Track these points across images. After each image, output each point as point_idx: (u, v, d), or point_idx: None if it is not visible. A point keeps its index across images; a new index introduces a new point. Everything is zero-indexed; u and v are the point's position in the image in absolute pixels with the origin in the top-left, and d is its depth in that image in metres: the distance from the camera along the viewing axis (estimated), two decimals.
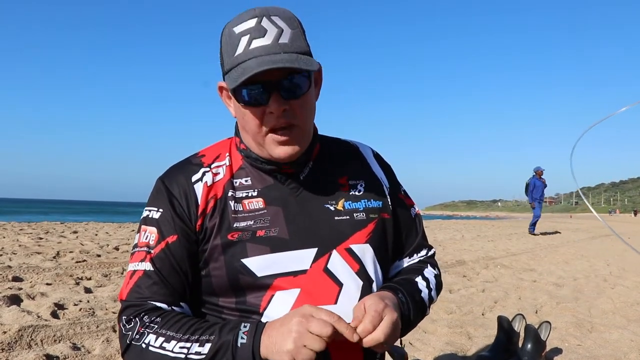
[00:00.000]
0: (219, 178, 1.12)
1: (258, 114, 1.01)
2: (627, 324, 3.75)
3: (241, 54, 0.98)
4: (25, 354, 2.54)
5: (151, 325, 0.98)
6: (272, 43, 0.97)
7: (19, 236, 9.28)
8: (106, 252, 7.14)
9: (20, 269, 5.15)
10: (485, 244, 10.76)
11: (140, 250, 1.07)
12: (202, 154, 1.18)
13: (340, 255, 1.08)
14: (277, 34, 0.98)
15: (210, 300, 1.09)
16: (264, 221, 1.07)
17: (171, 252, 1.05)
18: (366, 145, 1.30)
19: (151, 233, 1.08)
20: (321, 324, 0.88)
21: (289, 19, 1.02)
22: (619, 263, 7.91)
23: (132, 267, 1.07)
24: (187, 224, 1.07)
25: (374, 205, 1.17)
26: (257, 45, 0.97)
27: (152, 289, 1.03)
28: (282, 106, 1.00)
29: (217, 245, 1.05)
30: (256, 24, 0.98)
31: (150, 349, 0.95)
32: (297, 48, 0.99)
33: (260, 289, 1.03)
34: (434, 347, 3.01)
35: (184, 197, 1.08)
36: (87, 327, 3.07)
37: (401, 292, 1.10)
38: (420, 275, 1.20)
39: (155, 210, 1.09)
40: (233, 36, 1.00)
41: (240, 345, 0.92)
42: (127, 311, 1.02)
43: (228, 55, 1.01)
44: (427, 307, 1.18)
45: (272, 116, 1.01)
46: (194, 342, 0.94)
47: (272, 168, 1.10)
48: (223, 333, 0.94)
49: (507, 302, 4.48)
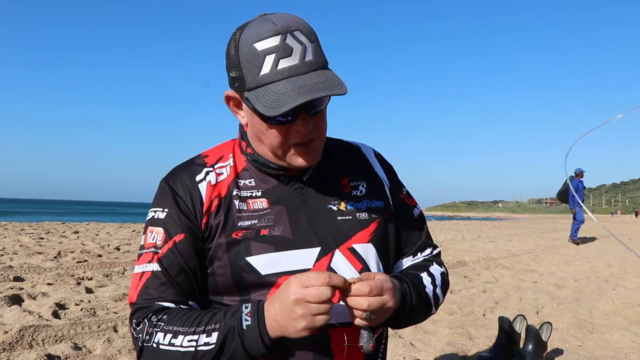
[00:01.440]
0: (222, 178, 1.12)
1: (284, 131, 1.02)
2: (628, 325, 3.74)
3: (268, 74, 0.97)
4: (27, 354, 2.55)
5: (158, 323, 0.99)
6: (300, 62, 0.97)
7: (20, 236, 9.29)
8: (107, 252, 7.15)
9: (22, 269, 5.16)
10: (486, 245, 10.76)
11: (147, 252, 1.07)
12: (205, 154, 1.18)
13: (343, 254, 1.08)
14: (302, 52, 0.98)
15: (215, 299, 1.09)
16: (268, 220, 1.08)
17: (179, 251, 1.06)
18: (368, 145, 1.31)
19: (158, 233, 1.08)
20: (317, 291, 0.89)
21: (309, 32, 1.01)
22: (620, 264, 7.91)
23: (139, 269, 1.07)
24: (193, 222, 1.07)
25: (376, 206, 1.17)
26: (285, 65, 0.96)
27: (160, 289, 1.04)
28: (309, 124, 1.01)
29: (222, 244, 1.06)
30: (280, 42, 0.97)
31: (161, 347, 0.96)
32: (321, 64, 1.00)
33: (264, 287, 1.03)
34: (435, 348, 3.01)
35: (188, 196, 1.09)
36: (88, 327, 3.08)
37: (406, 282, 1.10)
38: (425, 272, 1.19)
39: (160, 211, 1.10)
40: (255, 53, 0.98)
41: (246, 327, 0.93)
42: (136, 314, 1.03)
43: (251, 72, 0.99)
44: (433, 304, 1.17)
45: (298, 134, 1.02)
46: (201, 334, 0.95)
47: (278, 173, 1.11)
48: (227, 318, 0.95)
49: (508, 302, 4.48)
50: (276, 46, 0.96)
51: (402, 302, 1.04)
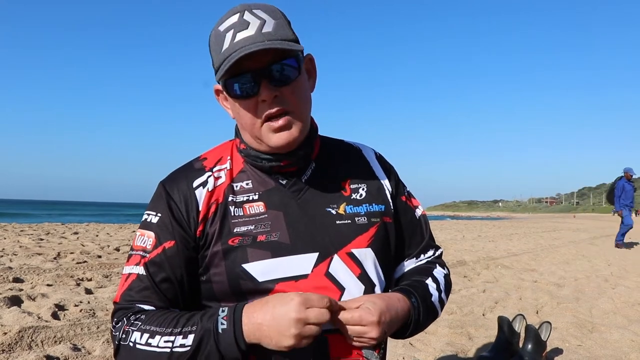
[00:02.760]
0: (220, 182, 1.11)
1: (251, 105, 1.02)
2: (628, 324, 3.74)
3: (227, 48, 0.99)
4: (26, 355, 2.55)
5: (135, 322, 0.98)
6: (256, 33, 0.98)
7: (20, 237, 9.29)
8: (107, 253, 7.14)
9: (21, 270, 5.16)
10: (486, 244, 10.75)
11: (136, 254, 1.07)
12: (204, 157, 1.18)
13: (341, 259, 1.07)
14: (260, 24, 0.99)
15: (211, 305, 1.08)
16: (265, 226, 1.07)
17: (167, 258, 1.05)
18: (369, 147, 1.29)
19: (149, 237, 1.07)
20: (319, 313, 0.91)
21: (272, 11, 1.03)
22: (620, 263, 7.91)
23: (127, 270, 1.07)
24: (186, 230, 1.07)
25: (376, 210, 1.16)
26: (241, 37, 0.98)
27: (143, 293, 1.04)
28: (272, 92, 1.00)
29: (218, 252, 1.05)
30: (239, 18, 1.00)
31: (137, 346, 0.96)
32: (281, 36, 1.00)
33: (262, 294, 1.02)
34: (435, 348, 3.01)
35: (183, 202, 1.08)
36: (88, 328, 3.08)
37: (414, 296, 1.10)
38: (430, 277, 1.19)
39: (154, 215, 1.09)
40: (218, 34, 1.01)
41: (221, 331, 0.93)
42: (117, 314, 1.03)
43: (216, 53, 1.02)
44: (438, 310, 1.18)
45: (264, 104, 1.02)
46: (177, 335, 0.94)
47: (273, 165, 1.10)
48: (204, 321, 0.95)
49: (508, 302, 4.48)
50: (235, 22, 1.00)
51: (409, 316, 1.06)
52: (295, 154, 1.09)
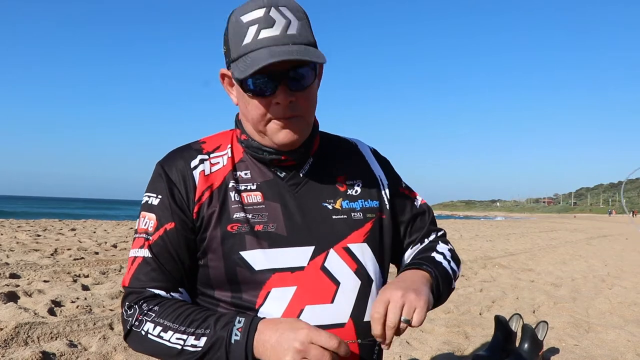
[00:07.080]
0: (217, 168, 1.12)
1: (264, 104, 1.02)
2: (624, 324, 3.75)
3: (249, 43, 0.98)
4: (22, 351, 2.54)
5: (149, 313, 1.00)
6: (281, 34, 0.98)
7: (17, 233, 9.28)
8: (104, 249, 7.14)
9: (18, 266, 5.15)
10: (484, 244, 10.78)
11: (139, 237, 1.09)
12: (203, 140, 1.18)
13: (337, 254, 1.08)
14: (286, 24, 0.98)
15: (206, 291, 1.09)
16: (262, 216, 1.07)
17: (169, 239, 1.06)
18: (364, 142, 1.30)
19: (150, 219, 1.09)
20: (320, 353, 0.88)
21: (297, 10, 1.02)
22: (616, 263, 7.93)
23: (132, 254, 1.09)
24: (185, 211, 1.07)
25: (371, 205, 1.17)
26: (265, 35, 0.97)
27: (150, 275, 1.05)
28: (288, 98, 1.00)
29: (216, 236, 1.06)
30: (264, 14, 0.98)
31: (149, 336, 0.98)
32: (304, 39, 1.00)
33: (257, 284, 1.03)
34: (431, 347, 3.01)
35: (182, 183, 1.09)
36: (84, 324, 3.07)
37: (425, 264, 1.11)
38: (434, 251, 1.20)
39: (154, 197, 1.10)
40: (241, 24, 1.00)
41: (234, 342, 0.93)
42: (128, 298, 1.05)
43: (235, 43, 1.01)
44: (451, 276, 1.18)
45: (278, 107, 1.01)
46: (190, 335, 0.95)
47: (273, 158, 1.10)
48: (218, 327, 0.95)
49: (505, 301, 4.49)
50: (260, 17, 0.98)
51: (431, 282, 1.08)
52: (296, 150, 1.10)
